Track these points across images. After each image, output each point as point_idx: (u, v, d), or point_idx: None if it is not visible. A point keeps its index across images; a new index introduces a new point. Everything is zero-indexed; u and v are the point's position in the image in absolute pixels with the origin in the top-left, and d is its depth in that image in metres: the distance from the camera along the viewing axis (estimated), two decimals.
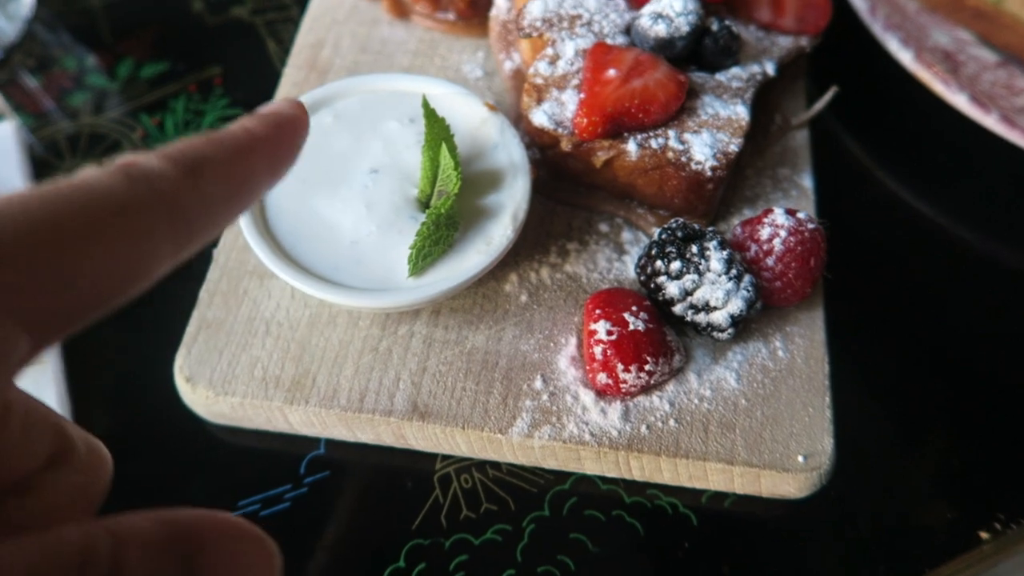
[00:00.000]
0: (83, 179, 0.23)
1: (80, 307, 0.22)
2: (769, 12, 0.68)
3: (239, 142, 0.28)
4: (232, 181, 0.27)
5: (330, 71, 0.72)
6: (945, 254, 0.70)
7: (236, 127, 0.29)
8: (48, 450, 0.25)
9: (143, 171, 0.24)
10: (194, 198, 0.25)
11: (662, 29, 0.60)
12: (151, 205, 0.23)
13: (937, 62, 0.72)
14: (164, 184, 0.24)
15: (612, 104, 0.57)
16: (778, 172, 0.68)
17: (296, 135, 0.31)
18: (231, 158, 0.27)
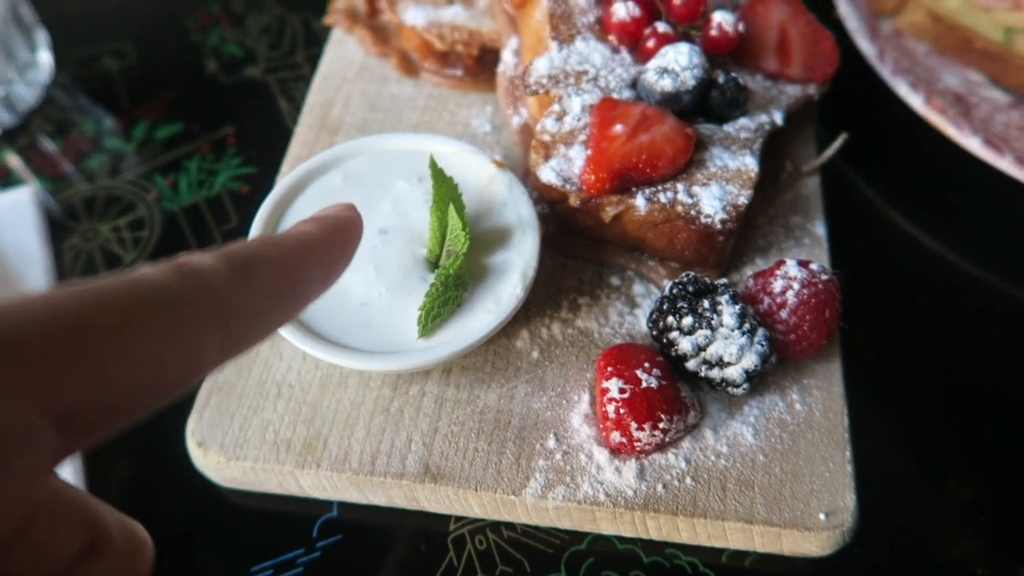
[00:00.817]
0: (136, 273, 0.23)
1: (116, 406, 0.21)
2: (776, 62, 0.68)
3: (295, 245, 0.28)
4: (285, 284, 0.27)
5: (340, 129, 0.73)
6: (964, 297, 0.69)
7: (294, 230, 0.29)
8: (80, 541, 0.24)
9: (195, 268, 0.24)
10: (245, 298, 0.25)
11: (668, 83, 0.60)
12: (200, 301, 0.23)
13: (948, 105, 0.72)
14: (216, 281, 0.24)
15: (619, 160, 0.58)
16: (790, 220, 0.67)
17: (351, 240, 0.32)
18: (286, 260, 0.27)
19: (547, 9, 0.65)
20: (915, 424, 0.62)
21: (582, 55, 0.65)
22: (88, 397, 0.20)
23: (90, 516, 0.25)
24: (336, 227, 0.30)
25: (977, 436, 0.61)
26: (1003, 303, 0.69)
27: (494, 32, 0.72)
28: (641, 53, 0.65)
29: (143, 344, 0.21)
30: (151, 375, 0.22)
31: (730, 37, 0.64)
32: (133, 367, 0.21)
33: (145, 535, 0.28)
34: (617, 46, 0.66)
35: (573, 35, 0.65)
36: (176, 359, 0.22)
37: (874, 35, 0.77)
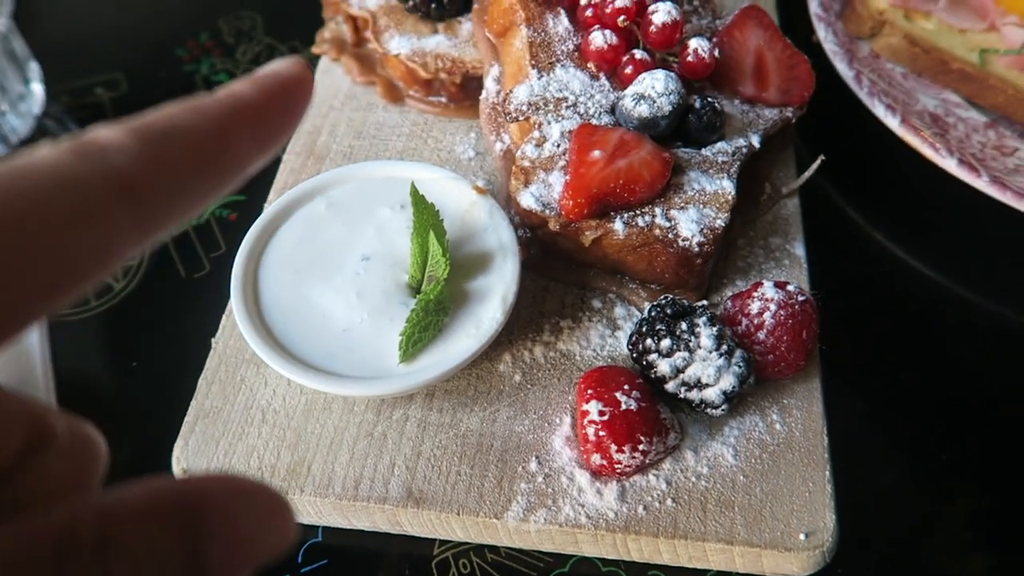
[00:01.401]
0: (29, 156, 0.20)
1: (26, 306, 0.20)
2: (753, 86, 0.69)
3: (221, 109, 0.24)
4: (208, 155, 0.23)
5: (327, 156, 0.74)
6: (943, 313, 0.70)
7: (223, 92, 0.25)
8: (20, 436, 0.23)
9: (98, 146, 0.21)
10: (157, 174, 0.22)
11: (645, 109, 0.61)
12: (102, 184, 0.21)
13: (925, 126, 0.73)
14: (121, 160, 0.21)
15: (597, 185, 0.58)
16: (770, 241, 0.68)
17: (295, 102, 0.26)
18: (209, 128, 0.23)
19: (526, 38, 0.67)
20: (896, 442, 0.62)
21: (561, 82, 0.66)
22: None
23: (30, 412, 0.24)
24: (277, 85, 0.25)
25: (959, 453, 0.62)
26: (983, 318, 0.70)
27: (476, 60, 0.73)
28: (620, 80, 0.66)
29: (41, 240, 0.19)
30: (56, 271, 0.20)
31: (706, 63, 0.65)
32: (34, 266, 0.19)
33: (97, 435, 0.26)
34: (596, 73, 0.67)
35: (553, 63, 0.67)
36: (82, 250, 0.20)
37: (851, 58, 0.78)
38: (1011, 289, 0.71)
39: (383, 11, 0.77)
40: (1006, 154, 0.73)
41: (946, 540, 0.58)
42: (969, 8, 0.80)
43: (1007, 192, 0.68)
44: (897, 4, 0.80)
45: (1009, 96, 0.76)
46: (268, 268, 0.59)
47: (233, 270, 0.58)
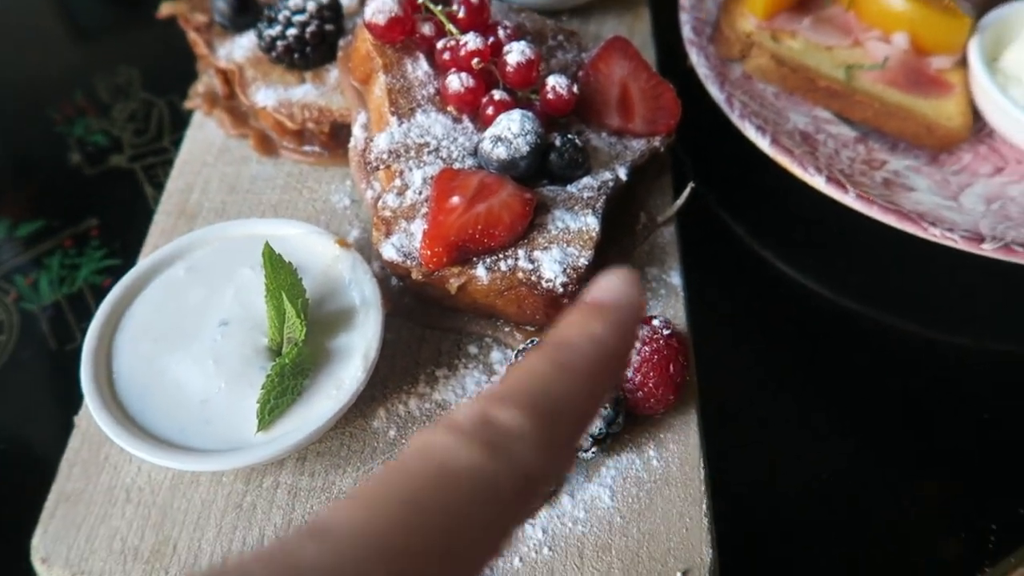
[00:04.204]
0: (441, 453, 0.20)
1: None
2: (618, 118, 0.69)
3: (594, 369, 0.23)
4: (586, 421, 0.23)
5: (199, 215, 0.73)
6: (826, 330, 0.70)
7: (586, 340, 0.24)
8: None
9: (502, 434, 0.21)
10: (552, 463, 0.22)
11: (502, 151, 0.61)
12: (513, 488, 0.21)
13: (795, 145, 0.74)
14: (526, 454, 0.21)
15: (455, 232, 0.58)
16: (647, 272, 0.68)
17: (637, 326, 0.26)
18: (586, 397, 0.23)
19: (385, 85, 0.66)
20: (780, 466, 0.62)
21: (423, 127, 0.65)
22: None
23: None
24: (631, 324, 0.25)
25: (843, 480, 0.62)
26: (868, 331, 0.70)
27: (344, 108, 0.72)
28: (482, 121, 0.66)
29: (466, 553, 0.20)
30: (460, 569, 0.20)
31: (565, 99, 0.65)
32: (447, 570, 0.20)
33: None
34: (459, 116, 0.66)
35: (413, 108, 0.66)
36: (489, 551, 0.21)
37: (723, 81, 0.79)
38: (891, 298, 0.72)
39: (250, 63, 0.76)
40: (875, 168, 0.74)
41: (830, 566, 0.58)
42: (833, 25, 0.81)
43: (873, 207, 0.69)
44: (763, 26, 0.81)
45: (876, 110, 0.77)
46: (124, 340, 0.57)
47: (84, 344, 0.56)
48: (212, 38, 0.79)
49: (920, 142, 0.78)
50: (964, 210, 0.70)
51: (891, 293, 0.73)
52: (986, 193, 0.73)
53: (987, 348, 0.70)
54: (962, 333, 0.70)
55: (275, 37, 0.72)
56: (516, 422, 0.21)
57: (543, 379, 0.23)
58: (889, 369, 0.68)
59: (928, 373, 0.68)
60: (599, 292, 0.25)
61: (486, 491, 0.20)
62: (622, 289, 0.25)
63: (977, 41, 0.78)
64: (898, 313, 0.72)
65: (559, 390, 0.23)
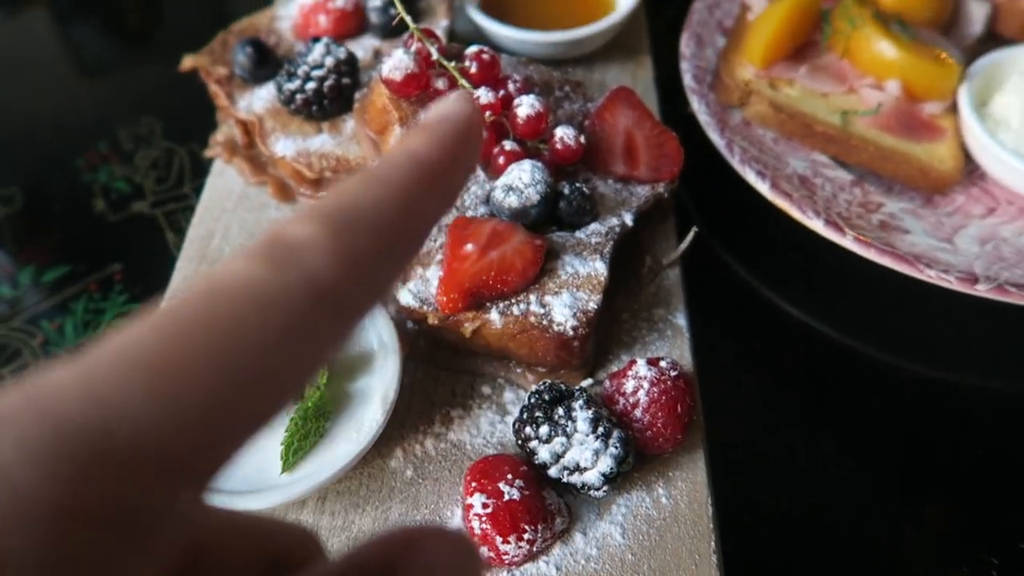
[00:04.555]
0: (221, 274, 0.19)
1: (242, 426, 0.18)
2: (624, 165, 0.72)
3: (404, 176, 0.22)
4: (396, 233, 0.21)
5: (219, 261, 0.75)
6: (830, 369, 0.73)
7: (399, 151, 0.22)
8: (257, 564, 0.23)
9: (290, 248, 0.19)
10: (353, 271, 0.20)
11: (514, 200, 0.64)
12: (304, 296, 0.19)
13: (794, 189, 0.77)
14: (317, 262, 0.19)
15: (470, 279, 0.60)
16: (653, 313, 0.71)
17: (472, 147, 0.24)
18: (394, 203, 0.21)
19: (400, 136, 0.69)
20: (784, 508, 0.64)
21: None
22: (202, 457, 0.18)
23: (260, 535, 0.24)
24: (452, 134, 0.23)
25: (849, 516, 0.63)
26: (872, 371, 0.73)
27: (360, 158, 0.75)
28: (493, 170, 0.69)
29: (250, 371, 0.18)
30: (265, 395, 0.19)
31: (573, 149, 0.68)
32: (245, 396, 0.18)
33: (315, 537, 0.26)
34: None
35: None
36: (289, 369, 0.19)
37: (723, 127, 0.82)
38: (891, 337, 0.74)
39: (269, 114, 0.79)
40: (871, 211, 0.77)
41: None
42: (828, 73, 0.85)
43: (871, 249, 0.71)
44: (761, 74, 0.84)
45: (871, 154, 0.80)
46: None
47: None
48: (232, 90, 0.83)
49: (914, 184, 0.81)
50: (959, 251, 0.73)
51: (891, 332, 0.75)
52: (980, 234, 0.75)
53: (986, 385, 0.72)
54: (960, 370, 0.72)
55: (295, 91, 0.76)
56: (306, 232, 0.20)
57: (346, 193, 0.21)
58: (891, 406, 0.70)
59: (929, 409, 0.70)
60: (427, 113, 0.24)
61: (272, 306, 0.18)
62: (448, 106, 0.24)
63: (967, 87, 0.82)
64: (898, 352, 0.74)
65: (362, 201, 0.21)
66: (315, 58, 0.75)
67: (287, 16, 0.89)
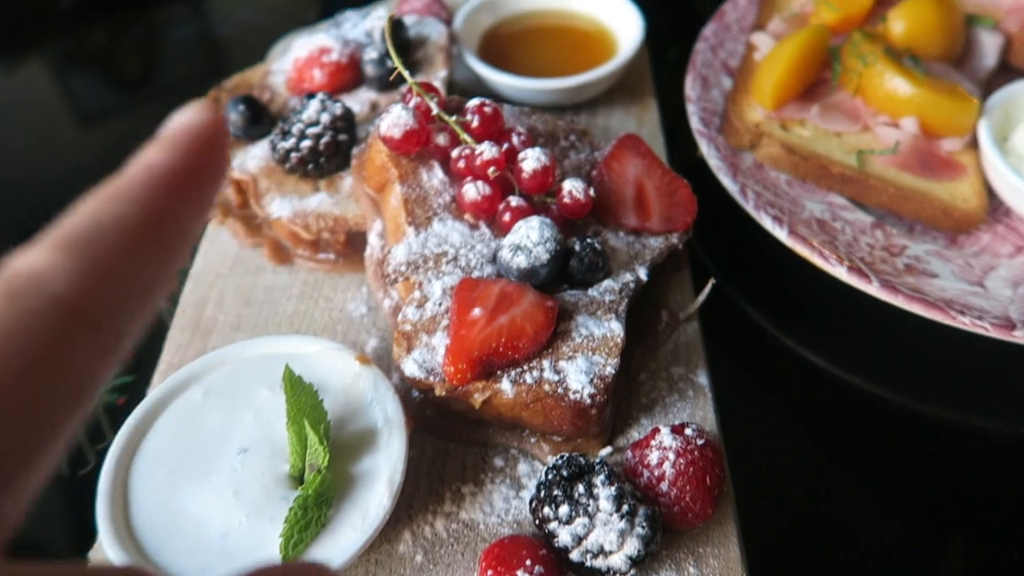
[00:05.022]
0: None
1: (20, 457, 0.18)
2: (635, 218, 0.69)
3: (142, 187, 0.22)
4: (144, 242, 0.21)
5: (213, 329, 0.72)
6: (863, 423, 0.68)
7: (135, 166, 0.22)
8: None
9: (27, 277, 0.19)
10: (102, 286, 0.20)
11: (523, 260, 0.60)
12: (49, 319, 0.19)
13: (813, 235, 0.73)
14: (58, 284, 0.19)
15: (479, 347, 0.57)
16: (672, 372, 0.67)
17: (216, 150, 0.24)
18: (136, 214, 0.21)
19: (401, 195, 0.66)
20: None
21: (440, 237, 0.65)
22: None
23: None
24: (188, 140, 0.23)
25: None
26: (907, 422, 0.68)
27: (359, 216, 0.72)
28: (499, 227, 0.65)
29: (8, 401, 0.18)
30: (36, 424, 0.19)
31: (582, 203, 0.65)
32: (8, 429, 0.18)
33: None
34: (475, 223, 0.66)
35: (430, 217, 0.66)
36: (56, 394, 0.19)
37: (735, 171, 0.79)
38: (931, 387, 0.70)
39: (263, 173, 0.76)
40: (895, 254, 0.74)
41: None
42: (841, 112, 0.82)
43: (899, 296, 0.68)
44: (772, 116, 0.81)
45: (891, 194, 0.77)
46: (140, 473, 0.56)
47: (100, 481, 0.54)
48: None
49: (937, 225, 0.77)
50: (991, 295, 0.69)
51: (925, 380, 0.71)
52: (1011, 276, 0.72)
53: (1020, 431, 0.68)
54: (998, 416, 0.68)
55: (289, 149, 0.73)
56: (43, 259, 0.20)
57: (83, 214, 0.21)
58: (934, 459, 0.66)
59: (966, 459, 0.65)
60: (164, 127, 0.24)
61: (13, 333, 0.18)
62: (183, 115, 0.24)
63: (986, 122, 0.79)
64: (936, 400, 0.70)
65: (101, 218, 0.21)
66: (310, 115, 0.73)
67: (281, 71, 0.86)
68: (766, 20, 0.92)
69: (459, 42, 0.90)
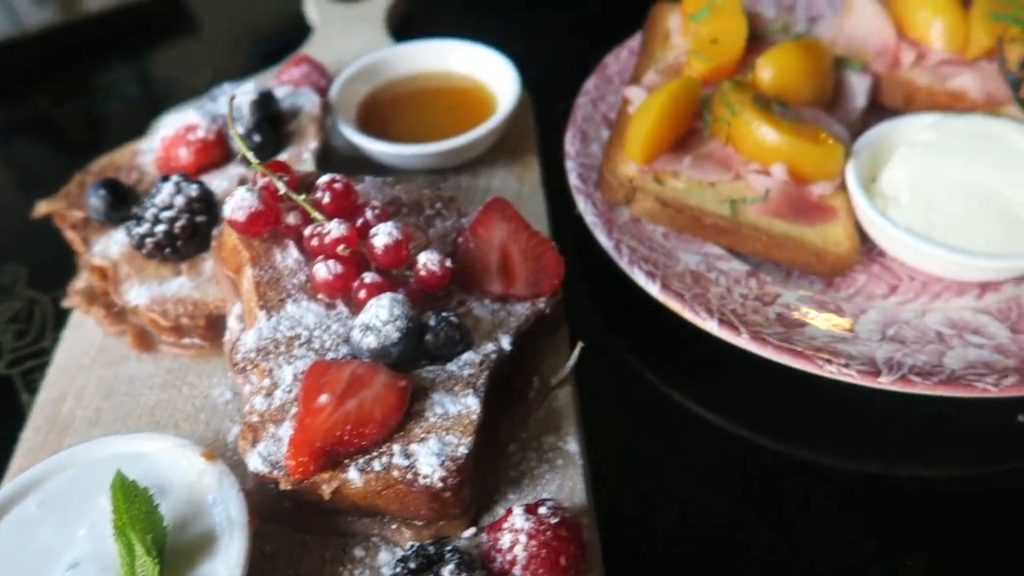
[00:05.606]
0: None
1: None
2: (500, 284, 0.68)
3: None
4: None
5: (71, 426, 0.69)
6: (755, 471, 0.67)
7: None
8: None
9: None
10: None
11: (372, 340, 0.59)
12: None
13: (686, 288, 0.73)
14: None
15: (322, 437, 0.54)
16: (543, 441, 0.65)
17: None
18: None
19: (252, 278, 0.64)
20: None
21: (294, 319, 0.63)
22: None
23: None
24: None
25: None
26: (803, 472, 0.67)
27: (219, 300, 0.70)
28: (355, 305, 0.63)
29: None
30: None
31: (439, 275, 0.64)
32: None
33: None
34: (332, 302, 0.64)
35: (283, 299, 0.64)
36: None
37: (611, 227, 0.79)
38: (814, 432, 0.70)
39: (125, 259, 0.74)
40: (767, 303, 0.73)
41: None
42: (714, 162, 0.82)
43: (767, 347, 0.67)
44: (644, 170, 0.81)
45: (765, 242, 0.77)
46: None
47: None
48: (89, 234, 0.78)
49: (812, 270, 0.78)
50: (860, 340, 0.69)
51: (807, 426, 0.70)
52: (881, 319, 0.72)
53: (892, 474, 0.67)
54: (875, 460, 0.68)
55: (144, 235, 0.71)
56: None
57: None
58: (823, 509, 0.65)
59: (862, 509, 0.64)
60: None
61: None
62: None
63: (853, 164, 0.79)
64: (818, 446, 0.69)
65: None
66: (163, 198, 0.71)
67: (150, 150, 0.85)
68: (642, 73, 0.93)
69: (334, 112, 0.89)
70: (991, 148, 0.77)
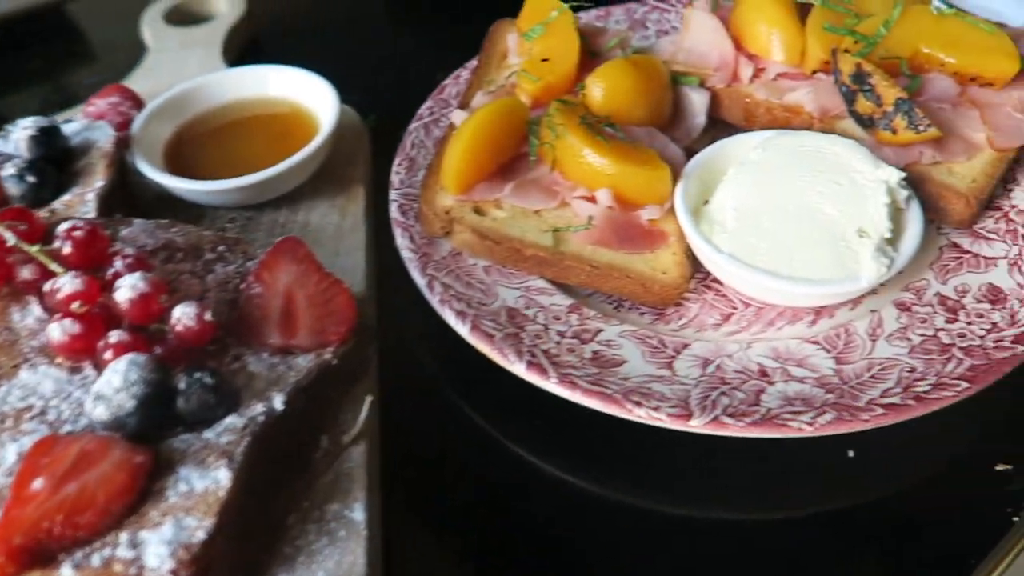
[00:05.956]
0: None
1: None
2: (279, 334, 0.61)
3: None
4: None
5: None
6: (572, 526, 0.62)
7: None
8: None
9: None
10: None
11: (103, 412, 0.52)
12: None
13: (498, 329, 0.67)
14: None
15: (27, 530, 0.47)
16: (326, 510, 0.58)
17: None
18: None
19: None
20: None
21: (28, 388, 0.56)
22: None
23: None
24: None
25: None
26: (614, 515, 0.62)
27: None
28: (102, 368, 0.56)
29: None
30: None
31: (196, 331, 0.57)
32: None
33: None
34: (77, 365, 0.57)
35: (17, 365, 0.56)
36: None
37: (426, 263, 0.73)
38: (655, 485, 0.65)
39: None
40: (585, 341, 0.68)
41: None
42: (538, 188, 0.77)
43: (576, 391, 0.62)
44: (463, 199, 0.76)
45: (589, 273, 0.72)
46: None
47: None
48: None
49: (640, 300, 0.73)
50: (676, 379, 0.64)
51: (624, 467, 0.65)
52: (704, 353, 0.67)
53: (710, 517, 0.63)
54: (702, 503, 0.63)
55: None
56: None
57: None
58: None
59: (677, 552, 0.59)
60: None
61: None
62: None
63: (682, 187, 0.75)
64: (641, 495, 0.64)
65: None
66: None
67: None
68: (472, 95, 0.87)
69: (133, 147, 0.82)
70: (820, 168, 0.73)
